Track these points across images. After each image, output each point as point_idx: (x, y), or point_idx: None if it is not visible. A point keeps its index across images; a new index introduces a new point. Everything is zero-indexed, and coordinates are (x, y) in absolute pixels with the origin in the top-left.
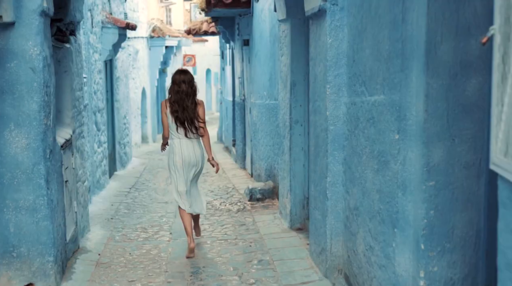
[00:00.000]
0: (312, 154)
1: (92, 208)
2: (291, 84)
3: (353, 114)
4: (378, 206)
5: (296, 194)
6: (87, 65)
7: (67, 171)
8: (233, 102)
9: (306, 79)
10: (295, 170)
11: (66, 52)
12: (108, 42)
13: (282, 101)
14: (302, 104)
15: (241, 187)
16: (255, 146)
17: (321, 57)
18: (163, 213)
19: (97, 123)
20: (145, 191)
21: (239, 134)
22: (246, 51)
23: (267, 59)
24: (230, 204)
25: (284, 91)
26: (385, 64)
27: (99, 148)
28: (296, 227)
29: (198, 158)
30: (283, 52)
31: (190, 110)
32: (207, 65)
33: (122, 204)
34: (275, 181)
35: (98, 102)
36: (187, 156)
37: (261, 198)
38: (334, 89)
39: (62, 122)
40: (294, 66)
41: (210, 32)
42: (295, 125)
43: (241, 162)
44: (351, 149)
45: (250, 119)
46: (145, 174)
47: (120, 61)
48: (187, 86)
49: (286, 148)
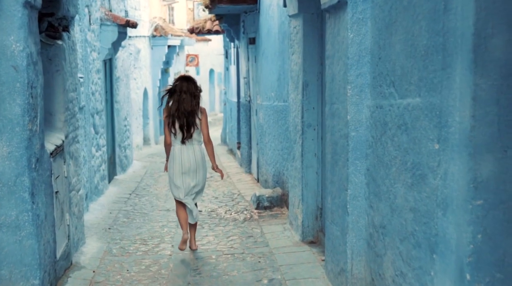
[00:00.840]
0: (329, 162)
1: (89, 216)
2: (303, 85)
3: (379, 119)
4: (412, 226)
5: (309, 204)
6: (84, 64)
7: (58, 180)
8: (237, 104)
9: (319, 79)
10: (307, 177)
11: (58, 50)
12: (107, 40)
13: (292, 103)
14: (315, 107)
15: (247, 193)
16: (262, 149)
17: (340, 55)
18: (165, 222)
19: (95, 126)
20: (145, 197)
21: (244, 137)
22: (252, 50)
23: (275, 58)
24: (236, 212)
25: (295, 92)
26: (421, 61)
27: (98, 151)
28: (308, 240)
29: (199, 165)
30: (294, 50)
31: (191, 118)
32: (211, 65)
33: (121, 211)
34: (283, 187)
35: (97, 103)
36: (187, 162)
37: (269, 206)
38: (355, 90)
39: (53, 126)
40: (306, 65)
41: (214, 31)
42: (308, 130)
43: (247, 166)
44: (376, 158)
45: (256, 122)
46: (146, 178)
47: (121, 60)
48: (189, 96)
49: (297, 154)
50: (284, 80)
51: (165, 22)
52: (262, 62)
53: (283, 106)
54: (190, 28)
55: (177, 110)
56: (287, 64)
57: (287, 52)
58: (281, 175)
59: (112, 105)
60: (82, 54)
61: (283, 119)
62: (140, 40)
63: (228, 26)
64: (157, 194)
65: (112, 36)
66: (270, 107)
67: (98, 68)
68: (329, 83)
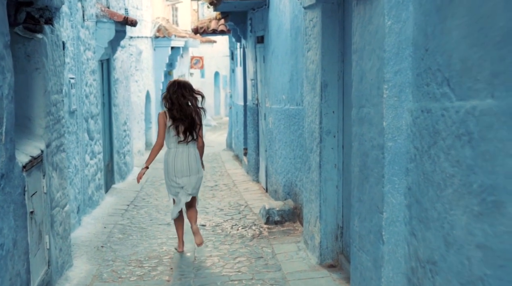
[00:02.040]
0: (356, 177)
1: (81, 231)
2: (322, 86)
3: (426, 126)
4: (480, 269)
5: (328, 223)
6: (76, 64)
7: (35, 198)
8: (244, 107)
9: (340, 79)
10: (327, 192)
11: (38, 45)
12: (103, 38)
13: (308, 107)
14: (335, 111)
15: (255, 205)
16: (271, 157)
17: (372, 48)
18: (164, 238)
19: (90, 131)
20: (144, 209)
21: (252, 143)
22: (260, 50)
23: (287, 57)
24: (243, 227)
25: (312, 94)
26: (496, 51)
27: (92, 159)
28: (327, 263)
29: (194, 166)
30: (310, 47)
31: (194, 120)
32: (216, 67)
33: (117, 226)
34: (296, 200)
35: (91, 107)
36: (186, 164)
37: (280, 220)
38: (394, 90)
39: (32, 133)
40: (325, 63)
41: (219, 31)
42: (327, 137)
43: (254, 173)
44: (421, 175)
45: (264, 127)
46: (147, 187)
47: (120, 61)
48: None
49: (314, 164)
50: (298, 81)
51: (169, 23)
52: (271, 62)
53: (296, 110)
54: (194, 28)
55: (178, 113)
56: (301, 63)
57: (301, 50)
58: (293, 186)
59: (110, 109)
60: (73, 52)
61: (296, 124)
62: (142, 41)
63: (234, 25)
64: (157, 205)
65: (109, 34)
66: (281, 111)
67: (93, 69)
68: (357, 82)
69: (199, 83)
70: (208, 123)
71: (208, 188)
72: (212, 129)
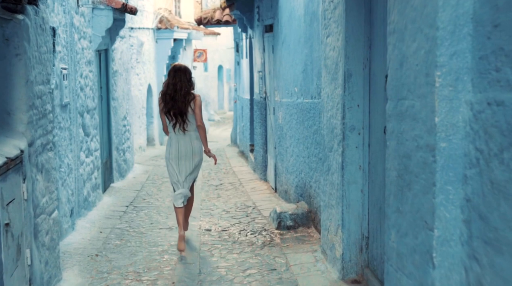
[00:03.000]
0: (393, 183)
1: (75, 237)
2: (345, 76)
3: (496, 122)
4: None
5: (351, 232)
6: (70, 53)
7: (12, 207)
8: (250, 101)
9: (366, 67)
10: (350, 197)
11: (18, 27)
12: (100, 26)
13: (328, 100)
14: (360, 104)
15: (264, 207)
16: (281, 155)
17: (418, 26)
18: (165, 246)
19: (85, 126)
20: (145, 210)
21: (259, 139)
22: (268, 39)
23: (300, 45)
24: (252, 232)
25: (332, 85)
26: None
27: (88, 157)
28: (350, 278)
29: (195, 151)
30: (330, 31)
31: (181, 104)
32: (219, 61)
33: (114, 230)
34: (310, 203)
35: (87, 100)
36: (184, 148)
37: (293, 225)
38: (449, 78)
39: (12, 130)
40: (349, 50)
41: (224, 21)
42: (350, 134)
43: (262, 172)
44: (488, 184)
45: (273, 122)
46: (148, 185)
47: (119, 52)
48: (179, 80)
49: (335, 165)
50: (313, 71)
51: (171, 14)
52: (282, 52)
53: (310, 103)
54: (198, 19)
55: (170, 97)
56: (316, 51)
57: (317, 37)
58: (307, 187)
59: (108, 102)
60: (66, 40)
61: (310, 119)
62: (143, 32)
63: (240, 14)
64: (158, 206)
65: (106, 22)
66: (293, 105)
67: (89, 59)
68: (395, 70)
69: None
70: (211, 118)
71: (212, 187)
72: (216, 124)
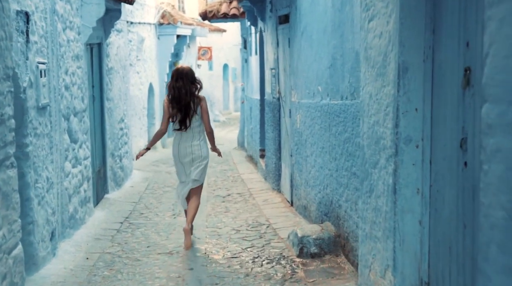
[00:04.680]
0: (497, 228)
1: (54, 266)
2: (399, 70)
3: None
4: None
5: (405, 276)
6: (50, 45)
7: None
8: (261, 101)
9: (428, 59)
10: (404, 230)
11: None
12: (90, 16)
13: (371, 101)
14: (419, 108)
15: (279, 225)
16: (300, 164)
17: None
18: (163, 278)
19: (72, 131)
20: (142, 229)
21: (271, 145)
22: (283, 32)
23: (327, 35)
24: (268, 260)
25: (378, 83)
26: None
27: (76, 167)
28: None
29: (199, 152)
30: (374, 13)
31: (186, 108)
32: (225, 59)
33: (104, 256)
34: (338, 225)
35: (74, 101)
36: (189, 150)
37: (318, 253)
38: None
39: None
40: (405, 35)
41: (231, 15)
42: (406, 147)
43: (274, 181)
44: None
45: (289, 126)
46: (147, 196)
47: (115, 47)
48: (184, 87)
49: (382, 187)
50: (344, 66)
51: (174, 9)
52: (300, 45)
53: (340, 105)
54: (203, 12)
55: (176, 101)
56: (350, 42)
57: (352, 23)
58: (334, 205)
59: (101, 103)
60: (45, 29)
61: (340, 125)
62: (144, 27)
63: (250, 4)
64: (157, 224)
65: (98, 11)
66: (315, 107)
67: (77, 54)
68: (504, 58)
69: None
70: (216, 119)
71: (219, 198)
72: (221, 125)
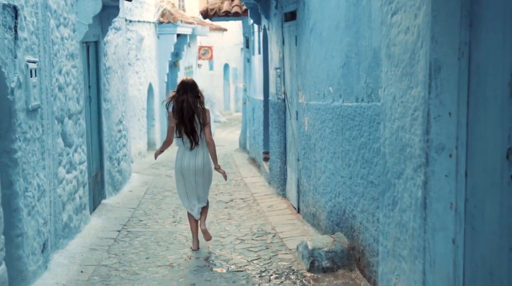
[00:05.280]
0: None
1: (45, 281)
2: (431, 69)
3: None
4: None
5: None
6: (42, 42)
7: None
8: (264, 102)
9: (464, 56)
10: (436, 249)
11: None
12: (86, 12)
13: (395, 104)
14: (453, 112)
15: (287, 234)
16: (308, 169)
17: None
18: None
19: (66, 135)
20: (140, 238)
21: (276, 147)
22: (290, 29)
23: (339, 32)
24: (277, 275)
25: (404, 83)
26: None
27: (70, 172)
28: None
29: (202, 166)
30: (399, 6)
31: (190, 121)
32: (225, 59)
33: (99, 269)
34: (353, 237)
35: (68, 103)
36: (192, 163)
37: (331, 267)
38: None
39: None
40: (438, 30)
41: (233, 13)
42: (438, 156)
43: (279, 186)
44: None
45: (296, 129)
46: (146, 201)
47: (113, 46)
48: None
49: (408, 200)
50: (359, 65)
51: (174, 7)
52: (309, 43)
53: (355, 108)
54: (204, 10)
55: (180, 115)
56: (367, 38)
57: (368, 18)
58: (347, 215)
59: (98, 104)
60: (36, 26)
61: (355, 129)
62: (144, 26)
63: (254, 1)
64: (156, 232)
65: (94, 7)
66: (326, 108)
67: (71, 52)
68: None
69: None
70: (217, 120)
71: (222, 204)
72: (222, 126)
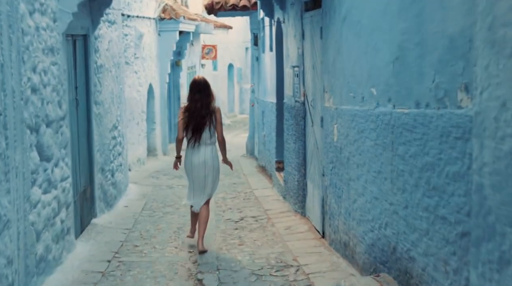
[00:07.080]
0: None
1: None
2: None
3: None
4: None
5: None
6: (7, 32)
7: None
8: (277, 106)
9: None
10: None
11: None
12: None
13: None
14: None
15: (312, 268)
16: (338, 188)
17: None
18: None
19: (43, 147)
20: (135, 270)
21: (293, 158)
22: (313, 20)
23: (389, 17)
24: None
25: None
26: None
27: (49, 192)
28: None
29: (211, 163)
30: None
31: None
32: (230, 59)
33: None
34: (407, 283)
35: (46, 107)
36: (202, 160)
37: None
38: None
39: None
40: None
41: (241, 7)
42: None
43: (297, 202)
44: None
45: (320, 137)
46: (143, 220)
47: (106, 41)
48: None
49: None
50: (423, 59)
51: (176, 3)
52: (341, 34)
53: (415, 116)
54: (209, 4)
55: (191, 114)
56: (437, 22)
57: None
58: (398, 253)
59: (88, 108)
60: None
61: (415, 144)
62: (143, 22)
63: None
64: (154, 262)
65: None
66: (366, 115)
67: (51, 46)
68: None
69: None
70: None
71: (231, 224)
72: (227, 128)
